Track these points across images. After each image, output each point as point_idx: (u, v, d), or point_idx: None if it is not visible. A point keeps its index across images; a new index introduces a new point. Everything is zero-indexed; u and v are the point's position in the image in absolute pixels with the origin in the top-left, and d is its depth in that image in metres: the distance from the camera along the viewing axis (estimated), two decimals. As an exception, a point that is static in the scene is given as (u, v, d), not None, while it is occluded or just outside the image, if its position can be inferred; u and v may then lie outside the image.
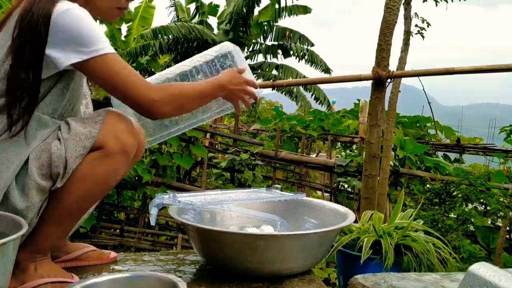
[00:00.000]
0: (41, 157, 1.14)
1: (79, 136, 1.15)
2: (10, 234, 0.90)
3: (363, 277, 1.03)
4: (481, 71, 2.74)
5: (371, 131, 2.88)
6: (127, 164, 1.26)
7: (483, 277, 0.72)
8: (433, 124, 5.60)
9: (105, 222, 4.01)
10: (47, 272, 1.21)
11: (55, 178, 1.14)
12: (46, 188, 1.15)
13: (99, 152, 1.17)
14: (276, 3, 11.47)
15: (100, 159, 1.17)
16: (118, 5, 1.29)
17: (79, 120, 1.20)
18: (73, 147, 1.14)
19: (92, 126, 1.17)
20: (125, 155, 1.20)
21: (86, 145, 1.15)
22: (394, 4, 2.87)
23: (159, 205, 1.40)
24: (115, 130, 1.19)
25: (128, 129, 1.21)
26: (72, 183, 1.16)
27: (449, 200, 3.32)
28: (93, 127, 1.17)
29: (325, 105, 13.11)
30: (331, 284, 2.71)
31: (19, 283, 1.18)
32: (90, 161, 1.17)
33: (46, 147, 1.15)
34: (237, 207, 1.66)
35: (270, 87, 3.53)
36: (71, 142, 1.15)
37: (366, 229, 1.94)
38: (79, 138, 1.15)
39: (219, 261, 1.40)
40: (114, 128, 1.19)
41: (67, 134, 1.16)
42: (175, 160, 3.89)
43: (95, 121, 1.18)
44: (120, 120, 1.22)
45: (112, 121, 1.20)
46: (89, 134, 1.16)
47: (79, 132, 1.16)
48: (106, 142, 1.17)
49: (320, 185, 5.11)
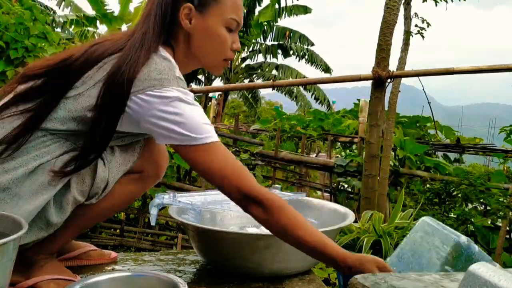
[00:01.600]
0: (85, 176, 1.14)
1: (122, 160, 1.19)
2: (10, 234, 0.90)
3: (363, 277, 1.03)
4: (481, 71, 2.75)
5: (371, 131, 2.88)
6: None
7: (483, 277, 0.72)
8: (433, 124, 5.60)
9: (105, 222, 4.02)
10: (53, 270, 1.22)
11: (92, 196, 1.17)
12: (80, 202, 1.16)
13: (136, 175, 1.24)
14: (276, 3, 11.47)
15: (135, 181, 1.25)
16: (225, 56, 1.23)
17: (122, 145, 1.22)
18: (115, 170, 1.18)
19: (134, 149, 1.22)
20: (157, 179, 1.30)
21: (126, 168, 1.21)
22: (394, 4, 2.88)
23: (159, 205, 1.40)
24: (154, 156, 1.26)
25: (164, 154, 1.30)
26: (104, 199, 1.20)
27: (449, 200, 3.32)
28: (135, 150, 1.22)
29: (325, 105, 13.12)
30: (331, 284, 2.71)
31: (24, 278, 1.19)
32: (126, 181, 1.22)
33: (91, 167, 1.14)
34: (237, 208, 1.66)
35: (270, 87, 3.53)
36: (114, 165, 1.18)
37: (366, 229, 1.94)
38: (121, 161, 1.19)
39: (219, 261, 1.41)
40: (152, 154, 1.26)
41: (111, 156, 1.18)
42: (175, 160, 3.89)
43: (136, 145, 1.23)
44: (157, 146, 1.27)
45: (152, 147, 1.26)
46: (131, 158, 1.21)
47: (122, 156, 1.20)
48: (144, 167, 1.25)
49: (320, 185, 5.12)
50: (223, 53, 1.22)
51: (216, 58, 1.23)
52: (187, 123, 1.05)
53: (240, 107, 18.35)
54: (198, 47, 1.20)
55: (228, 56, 1.23)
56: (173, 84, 1.07)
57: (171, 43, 1.19)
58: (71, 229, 1.22)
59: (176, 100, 1.06)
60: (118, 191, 1.21)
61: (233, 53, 1.24)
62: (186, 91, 1.09)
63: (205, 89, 9.82)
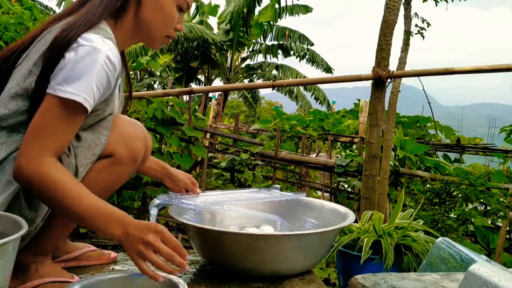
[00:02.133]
0: None
1: (89, 144, 1.15)
2: (10, 234, 0.90)
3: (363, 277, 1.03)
4: (481, 71, 2.74)
5: (371, 131, 2.88)
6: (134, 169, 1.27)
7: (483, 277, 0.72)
8: (433, 124, 5.60)
9: (105, 222, 4.01)
10: (48, 272, 1.21)
11: None
12: None
13: (108, 160, 1.18)
14: (276, 3, 11.47)
15: (109, 166, 1.18)
16: (168, 33, 1.26)
17: (88, 128, 1.18)
18: (83, 155, 1.14)
19: (101, 132, 1.16)
20: (133, 162, 1.21)
21: (96, 152, 1.15)
22: (394, 4, 2.87)
23: (159, 205, 1.40)
24: (124, 137, 1.19)
25: (137, 135, 1.21)
26: None
27: (449, 200, 3.32)
28: (102, 133, 1.16)
29: (325, 105, 13.12)
30: (331, 284, 2.71)
31: (20, 283, 1.18)
32: (99, 168, 1.17)
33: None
34: (237, 207, 1.66)
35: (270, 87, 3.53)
36: (81, 150, 1.14)
37: (366, 229, 1.94)
38: (88, 145, 1.15)
39: (219, 261, 1.40)
40: (123, 135, 1.19)
41: (76, 142, 1.14)
42: (175, 160, 3.89)
43: (103, 127, 1.17)
44: (128, 125, 1.21)
45: (120, 127, 1.19)
46: (98, 141, 1.15)
47: (88, 139, 1.15)
48: (116, 149, 1.17)
49: (320, 185, 5.11)
50: (168, 29, 1.25)
51: (160, 33, 1.25)
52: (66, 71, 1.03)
53: (240, 107, 18.35)
54: (147, 18, 1.22)
55: (171, 34, 1.27)
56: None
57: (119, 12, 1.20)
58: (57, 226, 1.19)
59: (80, 47, 1.05)
60: (93, 178, 1.16)
61: (174, 33, 1.28)
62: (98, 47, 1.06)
63: (205, 89, 9.82)
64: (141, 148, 1.22)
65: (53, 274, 1.22)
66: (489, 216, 3.72)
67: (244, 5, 11.00)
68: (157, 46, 1.29)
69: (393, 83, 3.07)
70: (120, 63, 1.16)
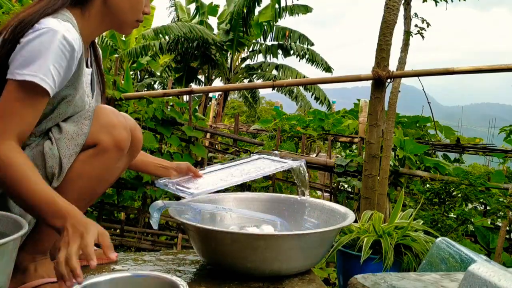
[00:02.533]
0: (34, 159, 1.12)
1: (71, 134, 1.15)
2: (10, 234, 0.90)
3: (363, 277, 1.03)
4: (481, 71, 2.75)
5: (371, 131, 2.88)
6: (123, 159, 1.26)
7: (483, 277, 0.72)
8: (433, 124, 5.60)
9: (105, 222, 4.01)
10: (47, 272, 1.21)
11: (51, 179, 1.14)
12: None
13: (92, 150, 1.17)
14: (276, 3, 11.47)
15: (94, 156, 1.17)
16: (138, 18, 1.28)
17: (69, 119, 1.19)
18: (65, 146, 1.14)
19: (82, 123, 1.16)
20: (119, 150, 1.19)
21: (79, 142, 1.15)
22: (394, 4, 2.88)
23: (162, 208, 1.40)
24: (107, 125, 1.17)
25: (120, 123, 1.20)
26: (68, 182, 1.15)
27: (449, 200, 3.32)
28: (83, 123, 1.16)
29: (325, 105, 13.12)
30: (331, 284, 2.71)
31: (19, 283, 1.18)
32: (84, 158, 1.16)
33: (38, 148, 1.14)
34: (237, 209, 1.66)
35: (270, 87, 3.53)
36: (63, 141, 1.14)
37: (366, 229, 1.94)
38: (70, 136, 1.14)
39: (219, 261, 1.41)
40: (106, 124, 1.18)
41: (59, 134, 1.15)
42: (175, 160, 3.89)
43: (85, 117, 1.18)
44: (110, 114, 1.20)
45: (103, 116, 1.18)
46: (80, 131, 1.15)
47: (70, 130, 1.15)
48: (99, 138, 1.16)
49: (320, 185, 5.11)
50: (137, 13, 1.27)
51: (130, 17, 1.26)
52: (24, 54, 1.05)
53: (240, 107, 18.34)
54: (115, 4, 1.22)
55: (140, 18, 1.29)
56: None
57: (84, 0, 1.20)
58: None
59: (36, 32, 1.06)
60: (80, 170, 1.15)
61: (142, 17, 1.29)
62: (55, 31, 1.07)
63: (205, 89, 9.82)
64: (126, 135, 1.20)
65: (52, 273, 1.22)
66: (489, 216, 3.72)
67: (244, 5, 11.00)
68: (128, 32, 1.31)
69: (393, 83, 3.07)
70: (82, 45, 1.16)
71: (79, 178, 1.16)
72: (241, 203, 1.75)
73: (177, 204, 1.47)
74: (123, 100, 3.70)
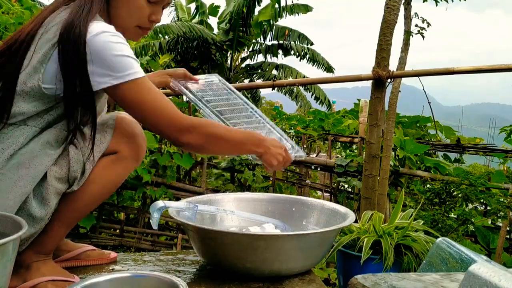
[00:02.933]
0: (59, 162, 1.15)
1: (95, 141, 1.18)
2: (10, 234, 0.90)
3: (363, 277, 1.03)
4: (481, 71, 2.74)
5: (371, 131, 2.88)
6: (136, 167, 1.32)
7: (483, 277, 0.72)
8: (433, 124, 5.60)
9: (105, 222, 4.01)
10: (49, 271, 1.22)
11: (72, 182, 1.17)
12: (62, 191, 1.16)
13: (113, 156, 1.22)
14: (276, 3, 11.47)
15: (113, 163, 1.22)
16: (138, 23, 1.27)
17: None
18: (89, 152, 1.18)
19: (105, 131, 1.22)
20: (136, 159, 1.27)
21: (102, 149, 1.20)
22: (394, 4, 2.88)
23: (162, 209, 1.40)
24: (128, 136, 1.24)
25: (141, 134, 1.27)
26: (85, 186, 1.19)
27: (449, 200, 3.31)
28: (106, 131, 1.22)
29: (325, 105, 13.12)
30: (331, 284, 2.71)
31: (21, 281, 1.18)
32: (104, 164, 1.21)
33: (64, 153, 1.16)
34: (238, 211, 1.66)
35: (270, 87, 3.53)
36: (88, 147, 1.17)
37: (366, 229, 1.94)
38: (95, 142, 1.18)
39: (219, 261, 1.40)
40: (127, 134, 1.24)
41: (83, 140, 1.18)
42: (175, 160, 3.89)
43: (107, 125, 1.23)
44: (132, 125, 1.26)
45: (124, 125, 1.24)
46: (104, 139, 1.20)
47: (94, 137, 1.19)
48: (120, 147, 1.22)
49: (320, 185, 5.11)
50: (136, 19, 1.25)
51: (128, 23, 1.26)
52: (107, 60, 1.08)
53: (240, 107, 18.32)
54: (113, 7, 1.23)
55: (143, 24, 1.27)
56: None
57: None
58: (61, 224, 1.20)
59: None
60: (97, 175, 1.20)
61: (150, 24, 1.28)
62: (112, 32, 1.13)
63: (205, 89, 9.80)
64: (144, 146, 1.27)
65: (54, 272, 1.22)
66: (489, 216, 3.72)
67: (244, 5, 11.00)
68: (134, 38, 1.31)
69: (393, 83, 3.07)
70: None
71: (96, 183, 1.21)
72: (241, 203, 1.75)
73: (177, 205, 1.47)
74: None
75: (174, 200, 2.95)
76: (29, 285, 1.18)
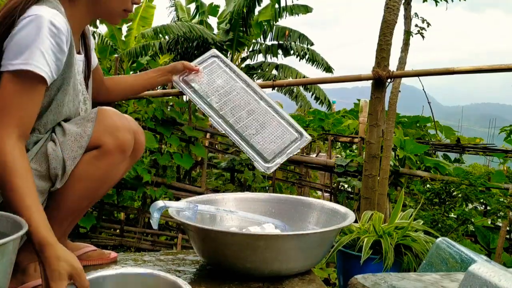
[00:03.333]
0: (38, 160, 1.13)
1: (74, 136, 1.15)
2: (10, 234, 0.90)
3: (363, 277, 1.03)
4: (481, 71, 2.74)
5: (371, 131, 2.88)
6: (125, 162, 1.26)
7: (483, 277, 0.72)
8: (433, 124, 5.60)
9: (105, 222, 4.01)
10: (47, 273, 1.21)
11: (54, 180, 1.14)
12: (45, 190, 1.15)
13: (96, 151, 1.17)
14: (276, 3, 11.46)
15: (97, 158, 1.17)
16: (125, 7, 1.27)
17: (72, 121, 1.20)
18: (69, 148, 1.14)
19: (85, 125, 1.17)
20: (122, 153, 1.20)
21: (82, 144, 1.15)
22: (394, 4, 2.87)
23: (162, 209, 1.40)
24: (110, 128, 1.18)
25: (124, 125, 1.20)
26: (71, 183, 1.16)
27: (449, 200, 3.31)
28: (86, 125, 1.17)
29: (325, 105, 13.11)
30: (331, 284, 2.71)
31: (19, 283, 1.18)
32: (88, 160, 1.17)
33: (42, 150, 1.14)
34: (238, 211, 1.66)
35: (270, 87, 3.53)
36: (67, 143, 1.15)
37: (366, 229, 1.94)
38: (74, 138, 1.15)
39: (219, 261, 1.40)
40: (109, 126, 1.18)
41: (62, 136, 1.15)
42: (175, 160, 3.89)
43: (88, 119, 1.18)
44: (114, 117, 1.21)
45: (106, 118, 1.19)
46: (84, 133, 1.16)
47: (74, 132, 1.16)
48: (102, 140, 1.17)
49: (320, 185, 5.11)
50: (124, 2, 1.26)
51: (117, 6, 1.26)
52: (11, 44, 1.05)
53: (240, 107, 18.33)
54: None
55: (129, 7, 1.28)
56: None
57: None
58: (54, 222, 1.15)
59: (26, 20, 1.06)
60: (83, 171, 1.16)
61: (132, 6, 1.29)
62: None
63: (205, 89, 9.80)
64: (129, 138, 1.21)
65: None
66: (489, 216, 3.72)
67: (244, 5, 10.99)
68: (117, 21, 1.32)
69: (393, 83, 3.06)
70: (70, 31, 1.15)
71: (82, 179, 1.17)
72: (241, 203, 1.75)
73: (177, 205, 1.47)
74: (123, 100, 3.69)
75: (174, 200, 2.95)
76: (28, 287, 1.18)
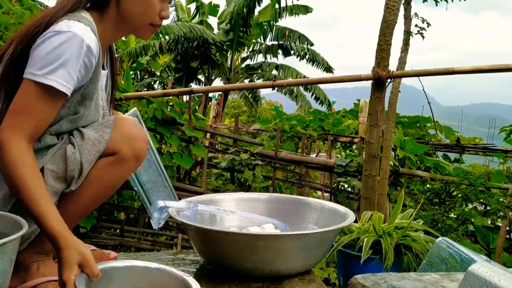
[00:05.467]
0: (56, 161, 1.15)
1: (92, 141, 1.18)
2: (10, 234, 0.90)
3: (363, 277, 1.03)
4: (481, 71, 2.74)
5: (371, 131, 2.88)
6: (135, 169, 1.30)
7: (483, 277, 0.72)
8: (433, 124, 5.60)
9: (105, 222, 4.01)
10: (49, 271, 1.22)
11: (70, 181, 1.17)
12: (59, 191, 1.17)
13: (112, 157, 1.21)
14: (276, 3, 11.47)
15: (113, 164, 1.21)
16: (151, 21, 1.26)
17: (89, 126, 1.22)
18: (87, 152, 1.17)
19: (103, 130, 1.20)
20: (136, 161, 1.25)
21: (100, 149, 1.19)
22: (394, 4, 2.87)
23: (162, 209, 1.40)
24: (127, 136, 1.22)
25: (140, 136, 1.25)
26: (84, 186, 1.19)
27: (449, 200, 3.31)
28: (104, 131, 1.20)
29: (325, 105, 13.11)
30: (331, 284, 2.71)
31: (21, 281, 1.18)
32: (103, 165, 1.20)
33: (60, 152, 1.16)
34: (238, 211, 1.66)
35: (270, 87, 3.53)
36: (85, 147, 1.17)
37: (366, 229, 1.94)
38: (92, 142, 1.18)
39: (219, 261, 1.41)
40: (126, 134, 1.22)
41: (81, 140, 1.18)
42: (175, 160, 3.89)
43: (106, 125, 1.21)
44: (131, 126, 1.24)
45: (123, 127, 1.22)
46: (102, 139, 1.19)
47: (92, 137, 1.19)
48: (119, 148, 1.20)
49: (320, 185, 5.11)
50: (149, 17, 1.25)
51: (141, 21, 1.26)
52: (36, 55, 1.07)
53: (240, 107, 18.33)
54: (126, 8, 1.22)
55: (155, 21, 1.27)
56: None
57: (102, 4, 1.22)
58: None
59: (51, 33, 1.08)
60: (96, 175, 1.19)
61: (161, 20, 1.28)
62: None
63: (205, 89, 9.81)
64: (144, 148, 1.25)
65: (54, 273, 1.22)
66: (489, 216, 3.72)
67: (244, 5, 11.00)
68: (146, 36, 1.31)
69: (393, 83, 3.06)
70: (100, 50, 1.17)
71: (95, 183, 1.20)
72: (241, 203, 1.75)
73: (177, 205, 1.47)
74: (123, 100, 3.69)
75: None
76: (29, 285, 1.18)
